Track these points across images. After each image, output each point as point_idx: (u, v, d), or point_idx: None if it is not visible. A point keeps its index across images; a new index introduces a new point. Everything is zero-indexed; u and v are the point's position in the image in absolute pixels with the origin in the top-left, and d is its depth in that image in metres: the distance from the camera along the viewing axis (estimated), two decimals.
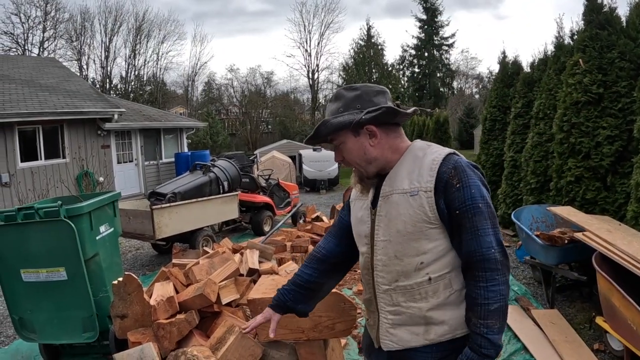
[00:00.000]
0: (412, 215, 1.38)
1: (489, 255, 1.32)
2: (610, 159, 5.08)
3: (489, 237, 1.33)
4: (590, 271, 3.84)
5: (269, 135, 29.92)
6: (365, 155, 1.47)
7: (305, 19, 33.49)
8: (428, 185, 1.37)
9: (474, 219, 1.33)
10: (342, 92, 1.50)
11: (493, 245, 1.33)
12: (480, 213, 1.33)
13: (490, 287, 1.32)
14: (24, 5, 24.10)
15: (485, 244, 1.32)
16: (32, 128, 10.57)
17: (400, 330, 1.44)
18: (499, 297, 1.32)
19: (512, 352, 3.66)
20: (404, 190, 1.41)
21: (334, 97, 1.51)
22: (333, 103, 1.50)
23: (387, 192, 1.45)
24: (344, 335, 2.43)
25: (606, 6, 5.53)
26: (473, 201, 1.34)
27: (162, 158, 14.60)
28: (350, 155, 1.49)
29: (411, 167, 1.43)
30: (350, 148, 1.48)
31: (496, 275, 1.32)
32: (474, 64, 50.21)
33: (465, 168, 1.38)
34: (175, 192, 6.73)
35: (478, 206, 1.33)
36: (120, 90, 27.01)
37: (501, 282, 1.33)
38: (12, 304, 3.51)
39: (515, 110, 7.45)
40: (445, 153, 1.41)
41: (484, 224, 1.33)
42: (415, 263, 1.40)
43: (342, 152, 1.51)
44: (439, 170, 1.37)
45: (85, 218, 3.47)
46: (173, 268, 3.69)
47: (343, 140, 1.48)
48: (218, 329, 2.89)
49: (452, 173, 1.36)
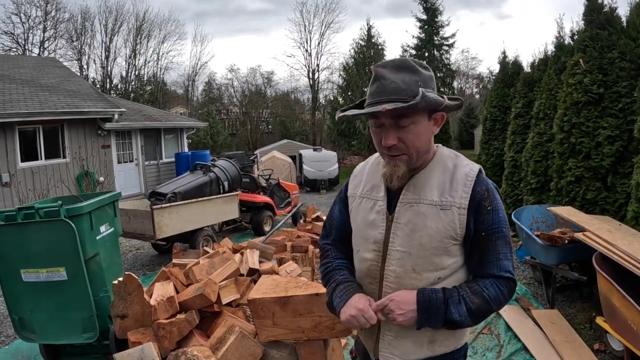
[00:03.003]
0: (441, 229, 1.32)
1: (505, 276, 1.36)
2: (611, 159, 5.08)
3: (508, 262, 1.36)
4: (591, 271, 3.84)
5: (269, 135, 29.93)
6: (429, 143, 1.36)
7: (306, 19, 33.47)
8: (462, 202, 1.33)
9: (497, 242, 1.35)
10: (413, 64, 1.30)
11: (510, 270, 1.36)
12: (504, 237, 1.36)
13: (496, 286, 1.34)
14: (24, 5, 24.09)
15: (504, 268, 1.35)
16: (33, 128, 10.57)
17: (404, 343, 1.40)
18: (495, 296, 1.33)
19: (512, 352, 3.65)
20: (434, 202, 1.34)
21: (401, 66, 1.29)
22: (403, 73, 1.27)
23: (410, 200, 1.36)
24: (344, 335, 2.43)
25: (606, 6, 5.53)
26: (499, 225, 1.35)
27: (162, 158, 14.60)
28: (417, 139, 1.31)
29: (441, 177, 1.36)
30: (420, 131, 1.31)
31: (505, 287, 1.35)
32: (474, 64, 50.18)
33: (494, 191, 1.38)
34: (175, 192, 6.73)
35: (502, 231, 1.36)
36: (120, 90, 26.99)
37: (504, 294, 1.35)
38: (12, 304, 3.51)
39: (516, 110, 7.45)
40: (477, 169, 1.39)
41: (505, 249, 1.36)
42: (433, 278, 1.35)
43: (408, 134, 1.29)
44: (473, 188, 1.34)
45: (85, 218, 3.47)
46: (173, 268, 3.69)
47: (417, 120, 1.29)
48: (218, 329, 2.89)
49: (485, 195, 1.34)
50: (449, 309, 1.29)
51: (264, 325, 2.49)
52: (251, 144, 27.98)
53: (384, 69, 1.29)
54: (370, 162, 1.54)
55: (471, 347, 3.78)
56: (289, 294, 2.42)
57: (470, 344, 3.83)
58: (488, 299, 1.31)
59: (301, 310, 2.40)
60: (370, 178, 1.49)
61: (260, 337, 2.63)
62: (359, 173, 1.56)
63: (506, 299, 1.36)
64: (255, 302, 2.49)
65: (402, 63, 1.30)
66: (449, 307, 1.29)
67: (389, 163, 1.35)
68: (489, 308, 1.33)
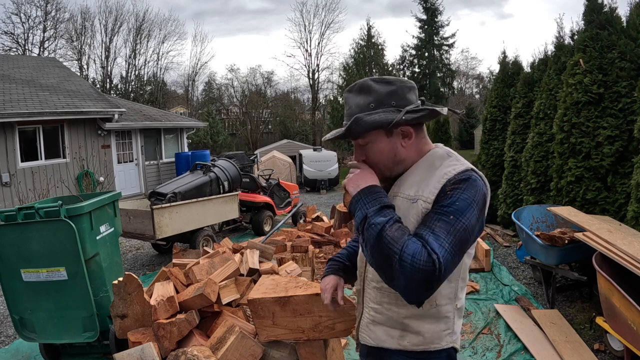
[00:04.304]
0: (411, 222, 1.30)
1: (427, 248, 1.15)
2: (611, 159, 5.08)
3: (437, 244, 1.15)
4: (591, 271, 3.85)
5: (270, 135, 29.94)
6: (395, 157, 1.37)
7: (306, 19, 33.59)
8: (429, 197, 1.28)
9: (436, 223, 1.19)
10: (371, 84, 1.34)
11: (435, 250, 1.13)
12: (447, 222, 1.18)
13: (416, 244, 1.15)
14: (25, 5, 24.10)
15: (430, 245, 1.14)
16: (33, 128, 10.58)
17: (378, 329, 1.44)
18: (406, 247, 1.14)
19: (512, 352, 3.65)
20: (409, 196, 1.34)
21: (361, 89, 1.35)
22: (360, 96, 1.34)
23: (393, 193, 1.40)
24: (344, 335, 2.43)
25: (606, 6, 5.53)
26: (450, 209, 1.20)
27: (162, 158, 14.61)
28: (379, 157, 1.37)
29: (424, 174, 1.35)
30: (379, 149, 1.35)
31: (419, 251, 1.13)
32: (474, 64, 50.27)
33: (470, 185, 1.24)
34: (175, 192, 6.73)
35: (448, 216, 1.19)
36: (120, 90, 27.01)
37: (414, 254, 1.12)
38: (13, 303, 3.51)
39: (516, 110, 7.45)
40: (461, 169, 1.29)
41: (440, 232, 1.17)
42: None
43: (368, 152, 1.37)
44: (445, 183, 1.27)
45: (85, 218, 3.47)
46: (173, 268, 3.69)
47: (372, 140, 1.35)
48: (218, 329, 2.89)
49: (454, 186, 1.25)
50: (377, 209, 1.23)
51: (263, 325, 2.49)
52: (251, 144, 28.00)
53: (350, 93, 1.39)
54: None
55: (471, 347, 3.78)
56: (289, 294, 2.42)
57: (470, 344, 3.83)
58: (401, 238, 1.16)
59: (301, 310, 2.40)
60: None
61: (260, 337, 2.63)
62: None
63: (408, 263, 1.12)
64: (255, 302, 2.49)
65: (361, 86, 1.37)
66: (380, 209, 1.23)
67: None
68: (393, 247, 1.15)
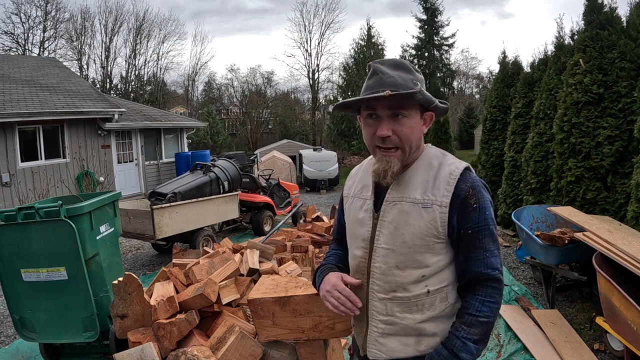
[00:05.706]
0: (422, 227, 1.34)
1: (494, 276, 1.35)
2: (611, 159, 5.08)
3: (495, 259, 1.35)
4: (591, 271, 3.85)
5: (270, 135, 29.92)
6: (419, 140, 1.40)
7: (306, 19, 33.56)
8: (444, 200, 1.33)
9: (484, 240, 1.34)
10: (407, 64, 1.38)
11: (497, 267, 1.35)
12: (491, 235, 1.35)
13: (486, 302, 1.33)
14: (24, 5, 24.08)
15: (492, 265, 1.34)
16: (33, 128, 10.58)
17: (390, 340, 1.41)
18: (490, 314, 1.33)
19: (512, 352, 3.66)
20: (416, 200, 1.35)
21: (397, 65, 1.36)
22: (399, 71, 1.34)
23: (395, 198, 1.39)
24: (344, 335, 2.43)
25: (606, 6, 5.54)
26: (486, 222, 1.34)
27: (162, 158, 14.60)
28: (411, 133, 1.35)
29: (425, 176, 1.38)
30: (413, 124, 1.35)
31: (495, 294, 1.35)
32: (474, 64, 50.27)
33: (481, 188, 1.36)
34: (175, 192, 6.73)
35: (489, 228, 1.35)
36: (120, 90, 26.99)
37: (497, 302, 1.35)
38: (13, 303, 3.51)
39: (516, 110, 7.45)
40: (463, 167, 1.38)
41: (492, 246, 1.35)
42: (416, 275, 1.36)
43: (403, 125, 1.33)
44: (456, 186, 1.34)
45: (85, 218, 3.47)
46: (173, 268, 3.69)
47: (411, 114, 1.34)
48: (218, 329, 2.89)
49: (470, 192, 1.33)
50: (460, 356, 1.30)
51: (263, 325, 2.49)
52: (251, 144, 27.98)
53: (382, 65, 1.35)
54: (365, 164, 1.58)
55: None
56: (289, 294, 2.42)
57: None
58: (486, 321, 1.32)
59: (301, 310, 2.40)
60: (363, 178, 1.54)
61: (260, 337, 2.63)
62: (354, 174, 1.62)
63: (499, 303, 1.36)
64: (255, 302, 2.49)
65: (399, 62, 1.37)
66: (459, 356, 1.30)
67: (382, 159, 1.36)
68: (490, 326, 1.34)
